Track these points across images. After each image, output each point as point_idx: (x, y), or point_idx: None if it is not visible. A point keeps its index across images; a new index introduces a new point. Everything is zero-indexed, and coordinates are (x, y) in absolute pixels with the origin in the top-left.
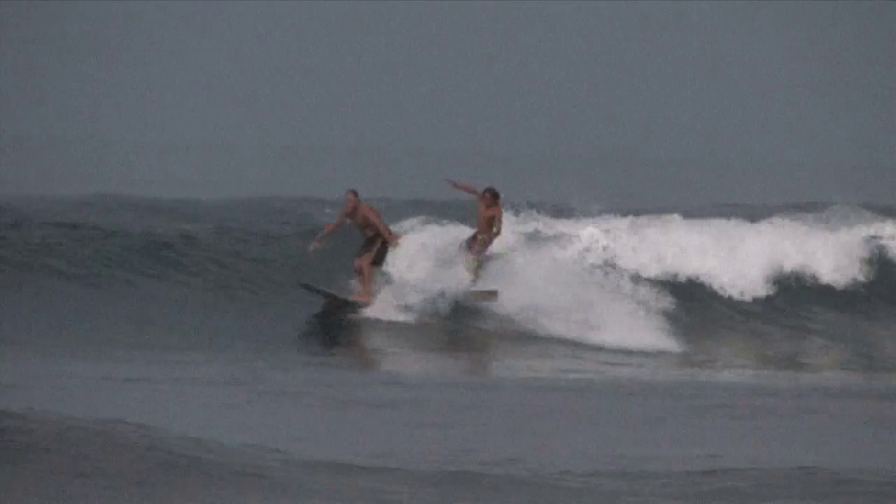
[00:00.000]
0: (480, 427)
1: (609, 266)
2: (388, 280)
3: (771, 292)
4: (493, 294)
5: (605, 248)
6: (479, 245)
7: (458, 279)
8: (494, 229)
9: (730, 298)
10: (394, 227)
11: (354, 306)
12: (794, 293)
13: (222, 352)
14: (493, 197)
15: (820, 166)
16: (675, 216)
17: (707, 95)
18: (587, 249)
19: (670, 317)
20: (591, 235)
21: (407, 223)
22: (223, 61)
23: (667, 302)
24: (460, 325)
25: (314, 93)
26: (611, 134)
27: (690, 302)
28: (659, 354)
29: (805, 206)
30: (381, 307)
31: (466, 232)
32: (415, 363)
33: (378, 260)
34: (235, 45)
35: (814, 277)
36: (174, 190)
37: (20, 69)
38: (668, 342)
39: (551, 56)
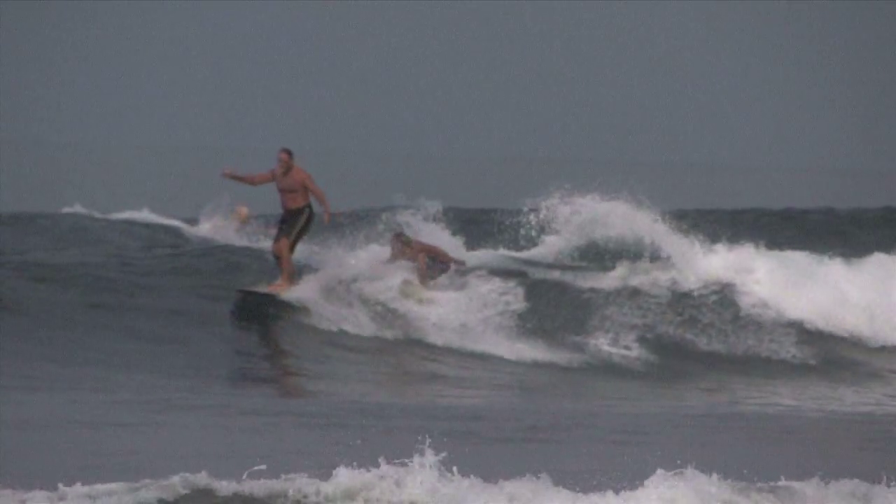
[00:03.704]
0: None
1: None
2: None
3: None
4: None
5: None
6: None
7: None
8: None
9: None
10: None
11: (274, 298)
12: None
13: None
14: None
15: (800, 171)
16: None
17: (693, 98)
18: None
19: None
20: None
21: None
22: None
23: None
24: None
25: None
26: (603, 137)
27: None
28: None
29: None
30: (304, 288)
31: None
32: None
33: (297, 239)
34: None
35: None
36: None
37: None
38: None
39: (544, 58)
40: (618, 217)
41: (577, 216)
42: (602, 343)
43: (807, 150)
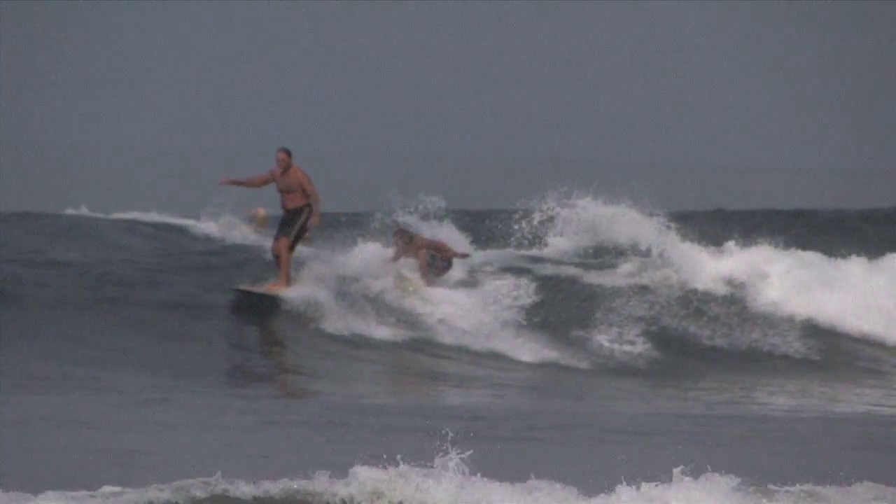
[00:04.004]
0: None
1: None
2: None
3: None
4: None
5: None
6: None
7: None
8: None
9: None
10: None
11: (274, 298)
12: None
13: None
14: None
15: (808, 171)
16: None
17: (695, 99)
18: None
19: None
20: None
21: None
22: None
23: None
24: None
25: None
26: (598, 138)
27: None
28: None
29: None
30: (306, 287)
31: None
32: None
33: (297, 238)
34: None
35: None
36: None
37: None
38: None
39: (538, 57)
40: (623, 224)
41: (577, 217)
42: (604, 339)
43: (812, 150)
